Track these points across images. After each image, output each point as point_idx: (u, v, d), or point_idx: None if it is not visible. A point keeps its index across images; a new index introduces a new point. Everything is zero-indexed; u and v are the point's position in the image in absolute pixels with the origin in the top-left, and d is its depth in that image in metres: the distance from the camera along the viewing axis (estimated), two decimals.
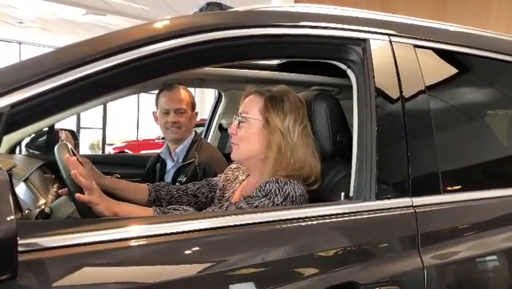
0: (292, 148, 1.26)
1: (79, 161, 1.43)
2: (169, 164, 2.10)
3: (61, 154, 1.24)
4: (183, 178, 1.94)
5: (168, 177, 2.05)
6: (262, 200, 1.16)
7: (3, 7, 8.54)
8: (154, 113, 2.13)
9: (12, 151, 2.20)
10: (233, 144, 1.35)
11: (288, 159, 1.26)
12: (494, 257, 1.20)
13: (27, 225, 0.92)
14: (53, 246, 0.77)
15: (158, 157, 2.20)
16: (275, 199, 1.15)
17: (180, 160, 2.03)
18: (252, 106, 1.33)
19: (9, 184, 0.70)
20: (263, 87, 1.38)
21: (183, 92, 2.05)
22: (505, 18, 4.24)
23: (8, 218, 0.66)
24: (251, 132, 1.31)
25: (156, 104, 2.08)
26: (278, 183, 1.18)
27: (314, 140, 1.31)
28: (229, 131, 1.38)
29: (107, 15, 8.88)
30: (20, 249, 0.70)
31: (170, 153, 2.11)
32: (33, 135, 2.32)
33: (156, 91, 2.11)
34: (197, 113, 2.12)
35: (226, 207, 1.21)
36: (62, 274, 0.76)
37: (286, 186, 1.17)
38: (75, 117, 10.46)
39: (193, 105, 2.08)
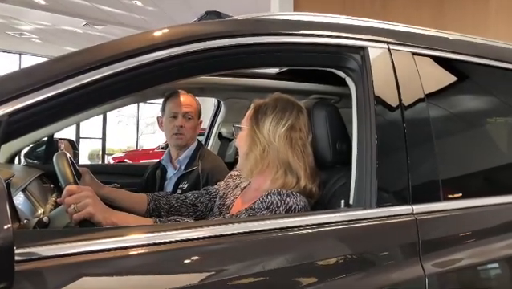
0: (275, 149, 1.27)
1: (78, 171, 1.43)
2: (170, 172, 2.09)
3: (59, 163, 1.24)
4: (185, 185, 1.94)
5: (169, 184, 2.05)
6: (264, 212, 1.15)
7: (3, 18, 8.59)
8: (159, 118, 2.13)
9: (11, 160, 2.20)
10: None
11: (272, 159, 1.28)
12: (496, 264, 1.19)
13: (24, 234, 0.91)
14: (50, 255, 0.76)
15: (158, 164, 2.19)
16: (277, 211, 1.15)
17: (183, 167, 2.02)
18: (245, 116, 1.38)
19: (6, 193, 0.69)
20: (263, 96, 1.39)
21: (191, 99, 2.07)
22: (504, 20, 4.25)
23: (5, 227, 0.65)
24: (241, 138, 1.36)
25: (163, 110, 2.08)
26: (280, 195, 1.17)
27: (308, 146, 1.31)
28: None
29: (107, 26, 8.94)
30: (17, 258, 0.69)
31: (171, 160, 2.11)
32: (32, 144, 2.31)
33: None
34: (201, 122, 2.12)
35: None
36: (60, 283, 0.75)
37: (288, 199, 1.17)
38: (74, 127, 10.50)
39: (199, 113, 2.09)
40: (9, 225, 0.66)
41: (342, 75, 1.21)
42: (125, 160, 10.62)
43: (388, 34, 1.24)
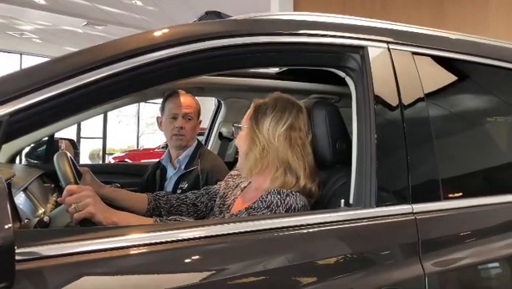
0: (275, 148, 1.28)
1: (79, 170, 1.43)
2: (170, 172, 2.09)
3: (60, 163, 1.24)
4: (185, 185, 1.94)
5: (169, 184, 2.05)
6: (264, 211, 1.16)
7: (4, 18, 8.60)
8: (158, 118, 2.13)
9: (12, 160, 2.20)
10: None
11: (272, 158, 1.28)
12: (496, 264, 1.19)
13: (25, 233, 0.92)
14: (51, 254, 0.77)
15: (158, 164, 2.19)
16: (277, 211, 1.15)
17: (183, 167, 2.02)
18: (245, 116, 1.38)
19: (7, 192, 0.69)
20: (263, 96, 1.39)
21: (191, 99, 2.07)
22: (503, 19, 4.25)
23: (5, 227, 0.66)
24: (241, 138, 1.36)
25: (162, 110, 2.08)
26: (280, 194, 1.18)
27: (308, 145, 1.31)
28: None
29: (108, 26, 8.94)
30: (17, 258, 0.70)
31: (171, 160, 2.11)
32: (32, 144, 2.32)
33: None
34: (200, 121, 2.13)
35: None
36: (61, 283, 0.76)
37: (288, 198, 1.17)
38: (75, 127, 10.50)
39: (198, 113, 2.09)
40: (10, 225, 0.66)
41: (342, 74, 1.22)
42: (126, 159, 10.63)
43: (388, 33, 1.24)
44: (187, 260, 0.88)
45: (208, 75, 1.81)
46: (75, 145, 2.38)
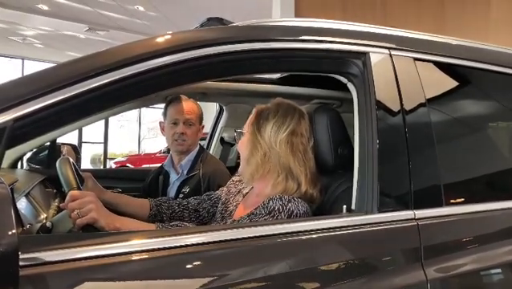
0: (276, 154, 1.28)
1: (81, 176, 1.44)
2: (173, 177, 2.10)
3: (62, 168, 1.24)
4: (186, 189, 1.94)
5: (172, 189, 2.05)
6: (266, 217, 1.16)
7: (7, 24, 8.64)
8: (161, 123, 2.13)
9: (14, 166, 2.20)
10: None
11: (273, 164, 1.28)
12: (498, 270, 1.18)
13: (28, 239, 0.92)
14: (54, 260, 0.77)
15: (161, 169, 2.20)
16: (279, 217, 1.15)
17: (185, 172, 2.03)
18: (247, 121, 1.39)
19: (10, 198, 0.70)
20: (265, 101, 1.40)
21: (193, 105, 2.07)
22: (503, 23, 4.26)
23: (9, 232, 0.66)
24: (243, 143, 1.36)
25: (164, 115, 2.08)
26: (281, 200, 1.18)
27: (309, 151, 1.31)
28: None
29: (110, 31, 8.98)
30: (21, 263, 0.70)
31: (174, 165, 2.11)
32: (35, 149, 2.32)
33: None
34: (203, 126, 2.13)
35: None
36: (64, 288, 0.76)
37: (289, 204, 1.17)
38: (76, 132, 10.52)
39: (200, 118, 2.10)
40: (14, 231, 0.66)
41: (343, 80, 1.22)
42: (127, 164, 10.63)
43: (390, 39, 1.24)
44: (189, 266, 0.88)
45: (210, 80, 1.82)
46: (76, 150, 2.38)
